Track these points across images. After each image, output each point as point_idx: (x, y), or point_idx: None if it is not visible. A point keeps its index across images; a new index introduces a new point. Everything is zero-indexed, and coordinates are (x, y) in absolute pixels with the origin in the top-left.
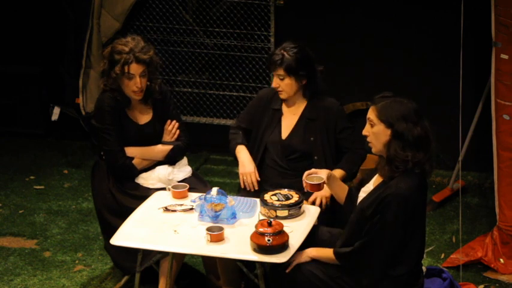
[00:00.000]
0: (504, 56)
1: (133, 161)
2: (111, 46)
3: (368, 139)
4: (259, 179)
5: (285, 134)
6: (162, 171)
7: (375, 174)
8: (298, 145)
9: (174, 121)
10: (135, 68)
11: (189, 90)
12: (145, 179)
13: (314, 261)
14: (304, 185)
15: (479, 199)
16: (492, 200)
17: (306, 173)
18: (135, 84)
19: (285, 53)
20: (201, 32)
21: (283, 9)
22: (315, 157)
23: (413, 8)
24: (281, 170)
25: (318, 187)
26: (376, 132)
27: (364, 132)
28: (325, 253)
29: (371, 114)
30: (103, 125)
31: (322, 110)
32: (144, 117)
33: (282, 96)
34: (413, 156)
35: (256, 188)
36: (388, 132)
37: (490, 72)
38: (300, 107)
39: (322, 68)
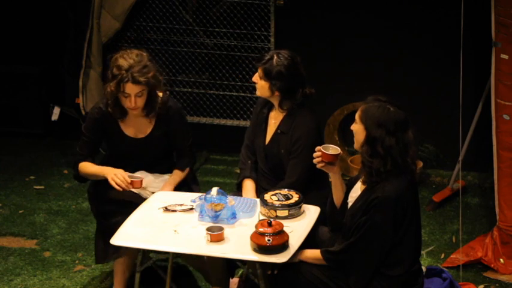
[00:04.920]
0: (504, 56)
1: (81, 164)
2: (115, 57)
3: (354, 134)
4: None
5: (267, 140)
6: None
7: (361, 177)
8: (273, 154)
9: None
10: (130, 88)
11: (189, 90)
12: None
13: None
14: (320, 155)
15: (479, 199)
16: (492, 200)
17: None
18: (130, 102)
19: (274, 56)
20: (201, 32)
21: (283, 9)
22: (284, 170)
23: (413, 8)
24: (264, 174)
25: (333, 157)
26: (356, 130)
27: (352, 127)
28: (313, 254)
29: (358, 112)
30: (84, 130)
31: (295, 126)
32: (140, 131)
33: (257, 92)
34: (379, 166)
35: None
36: (364, 134)
37: (490, 72)
38: (280, 116)
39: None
